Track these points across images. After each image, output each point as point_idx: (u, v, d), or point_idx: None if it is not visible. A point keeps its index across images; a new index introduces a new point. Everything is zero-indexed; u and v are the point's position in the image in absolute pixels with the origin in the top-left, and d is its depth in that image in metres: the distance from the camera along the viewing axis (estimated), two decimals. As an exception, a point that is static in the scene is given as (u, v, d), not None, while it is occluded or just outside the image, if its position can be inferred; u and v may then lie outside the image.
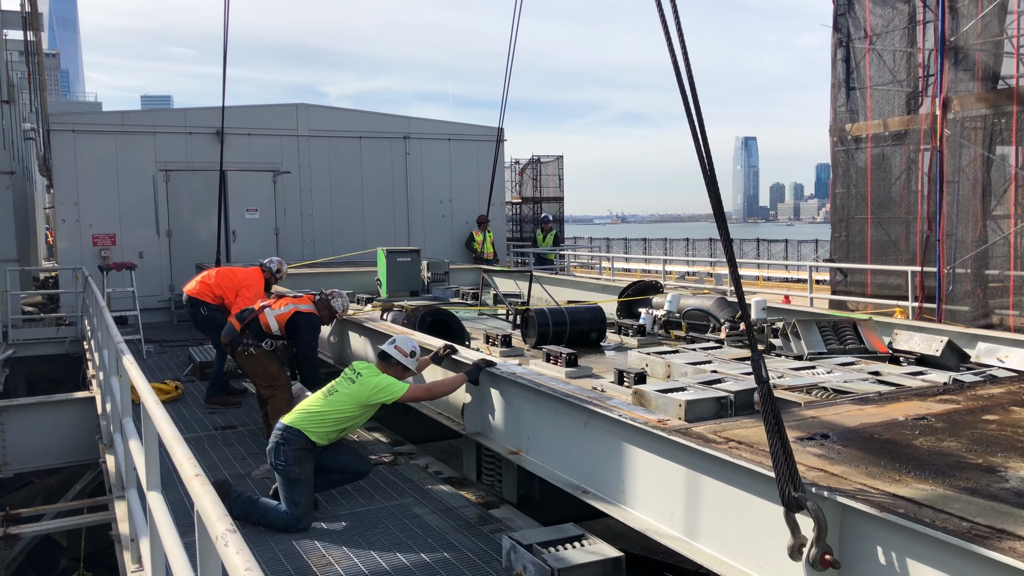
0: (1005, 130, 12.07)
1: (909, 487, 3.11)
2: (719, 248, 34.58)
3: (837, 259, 15.38)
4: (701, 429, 3.88)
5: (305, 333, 7.13)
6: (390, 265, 11.55)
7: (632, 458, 4.15)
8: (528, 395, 5.06)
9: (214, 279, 8.98)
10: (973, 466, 3.37)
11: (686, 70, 3.39)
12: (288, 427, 5.42)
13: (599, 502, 4.39)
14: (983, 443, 3.69)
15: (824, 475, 3.25)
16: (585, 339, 7.57)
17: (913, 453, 3.55)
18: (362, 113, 18.30)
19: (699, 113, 3.41)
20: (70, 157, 14.91)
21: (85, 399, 9.36)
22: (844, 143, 15.19)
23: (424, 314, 7.48)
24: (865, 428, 3.95)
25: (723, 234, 3.50)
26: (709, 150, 3.42)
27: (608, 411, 4.27)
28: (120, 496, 5.61)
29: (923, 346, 6.28)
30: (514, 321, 8.42)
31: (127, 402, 5.02)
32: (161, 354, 12.19)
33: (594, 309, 8.05)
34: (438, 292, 11.74)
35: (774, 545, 3.20)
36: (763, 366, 3.33)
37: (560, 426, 4.76)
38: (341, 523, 5.45)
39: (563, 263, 21.64)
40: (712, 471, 3.62)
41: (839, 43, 15.21)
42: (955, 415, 4.20)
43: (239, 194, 16.21)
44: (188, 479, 2.59)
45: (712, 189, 3.46)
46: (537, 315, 7.62)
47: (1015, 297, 12.10)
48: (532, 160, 26.29)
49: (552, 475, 4.80)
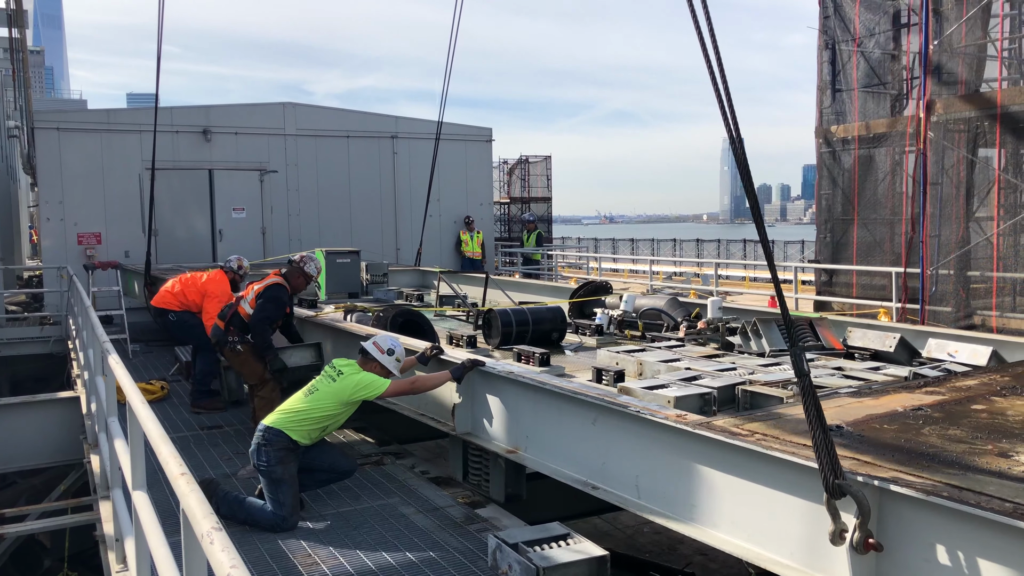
0: (988, 133, 12.19)
1: (940, 473, 3.20)
2: (706, 248, 34.74)
3: (822, 260, 15.49)
4: (722, 423, 3.92)
5: (263, 302, 7.05)
6: (329, 266, 10.99)
7: (650, 452, 4.18)
8: (526, 393, 5.05)
9: (178, 287, 8.96)
10: (987, 452, 3.50)
11: (721, 80, 3.46)
12: (269, 428, 5.39)
13: (611, 497, 4.41)
14: (984, 431, 3.83)
15: (857, 463, 3.33)
16: (547, 339, 7.56)
17: (927, 441, 3.67)
18: (350, 112, 18.29)
19: (735, 121, 3.51)
20: (55, 155, 14.83)
21: (69, 399, 9.32)
22: (830, 144, 15.29)
23: (395, 315, 7.43)
24: (871, 419, 4.05)
25: (763, 240, 3.70)
26: (747, 164, 3.53)
27: (624, 408, 4.28)
28: (105, 496, 5.60)
29: (877, 343, 6.50)
30: (475, 322, 8.35)
31: (112, 402, 5.01)
32: (147, 353, 12.14)
33: (555, 309, 8.09)
34: (379, 294, 11.24)
35: (810, 532, 3.32)
36: (803, 360, 3.42)
37: (563, 423, 4.76)
38: (327, 523, 5.45)
39: (551, 263, 21.66)
40: (738, 463, 3.67)
41: (825, 45, 15.32)
42: (947, 405, 4.33)
43: (226, 193, 16.17)
44: (174, 478, 2.59)
45: (753, 204, 3.64)
46: (500, 315, 7.56)
47: (997, 298, 12.23)
48: (520, 160, 26.32)
49: (556, 472, 4.79)
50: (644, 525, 8.34)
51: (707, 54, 3.45)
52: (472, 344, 7.38)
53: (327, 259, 10.99)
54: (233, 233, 16.15)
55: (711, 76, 3.47)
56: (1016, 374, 5.12)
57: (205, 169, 15.97)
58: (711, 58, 3.44)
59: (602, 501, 4.47)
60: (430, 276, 13.64)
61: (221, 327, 7.15)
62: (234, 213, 16.25)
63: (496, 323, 7.52)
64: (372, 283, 11.83)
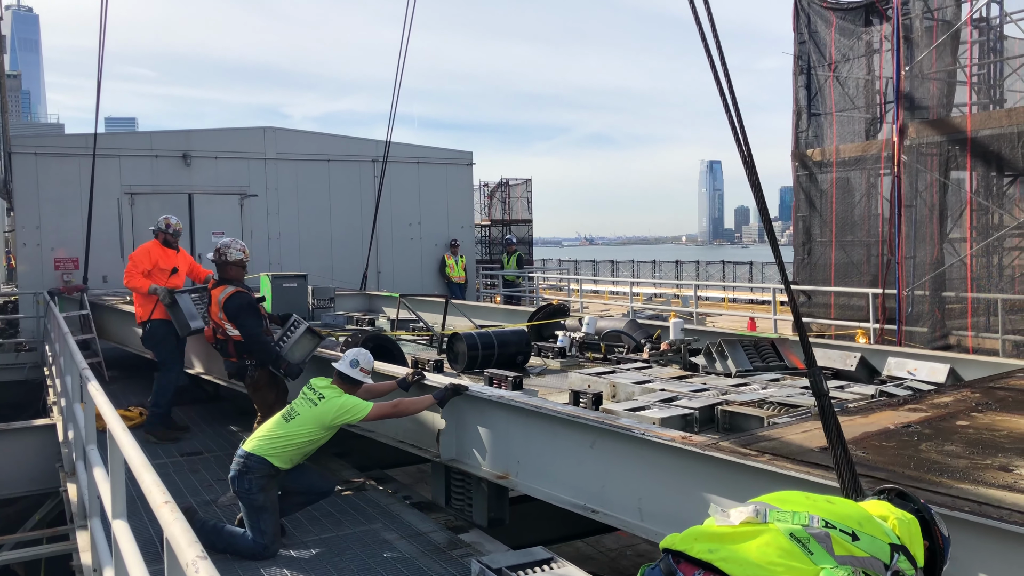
0: (959, 156, 12.43)
1: (952, 488, 3.25)
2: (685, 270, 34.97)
3: (800, 281, 15.66)
4: (727, 444, 3.94)
5: (240, 319, 6.52)
6: (276, 290, 10.70)
7: (653, 475, 4.18)
8: (517, 417, 5.02)
9: (136, 297, 8.83)
10: (989, 467, 3.57)
11: (735, 109, 3.58)
12: (251, 455, 5.31)
13: (612, 521, 4.40)
14: (977, 446, 3.90)
15: (872, 480, 3.36)
16: (511, 362, 7.52)
17: (929, 457, 3.73)
18: (331, 136, 18.32)
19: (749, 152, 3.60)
20: (32, 180, 14.71)
21: (45, 426, 9.18)
22: (806, 167, 15.52)
23: (365, 339, 7.36)
24: (868, 437, 4.10)
25: (780, 266, 3.91)
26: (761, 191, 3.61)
27: (627, 430, 4.29)
28: (83, 525, 5.51)
29: (839, 362, 6.66)
30: (440, 346, 8.33)
31: (91, 429, 4.95)
32: (125, 379, 12.00)
33: (519, 332, 8.09)
34: (327, 319, 10.89)
35: None
36: (822, 380, 3.46)
37: (558, 447, 4.74)
38: (310, 550, 5.40)
39: (531, 285, 21.70)
40: (748, 483, 3.67)
41: (800, 70, 15.59)
42: (933, 422, 4.41)
43: (206, 217, 16.09)
44: (157, 506, 2.58)
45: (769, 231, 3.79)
46: (465, 339, 7.49)
47: (972, 318, 12.40)
48: (501, 183, 26.46)
49: (552, 496, 4.76)
50: (627, 548, 8.33)
51: (720, 84, 3.60)
52: (439, 369, 7.30)
53: (273, 283, 10.77)
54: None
55: (725, 108, 3.61)
56: (985, 390, 5.24)
57: (185, 193, 15.90)
58: (725, 95, 3.59)
59: (585, 525, 4.48)
60: (377, 300, 13.56)
61: (235, 361, 6.77)
62: (214, 237, 16.16)
63: (462, 347, 7.46)
64: (319, 308, 11.60)
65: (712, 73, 3.64)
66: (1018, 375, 5.74)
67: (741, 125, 3.64)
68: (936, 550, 2.59)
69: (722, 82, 3.63)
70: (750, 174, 3.68)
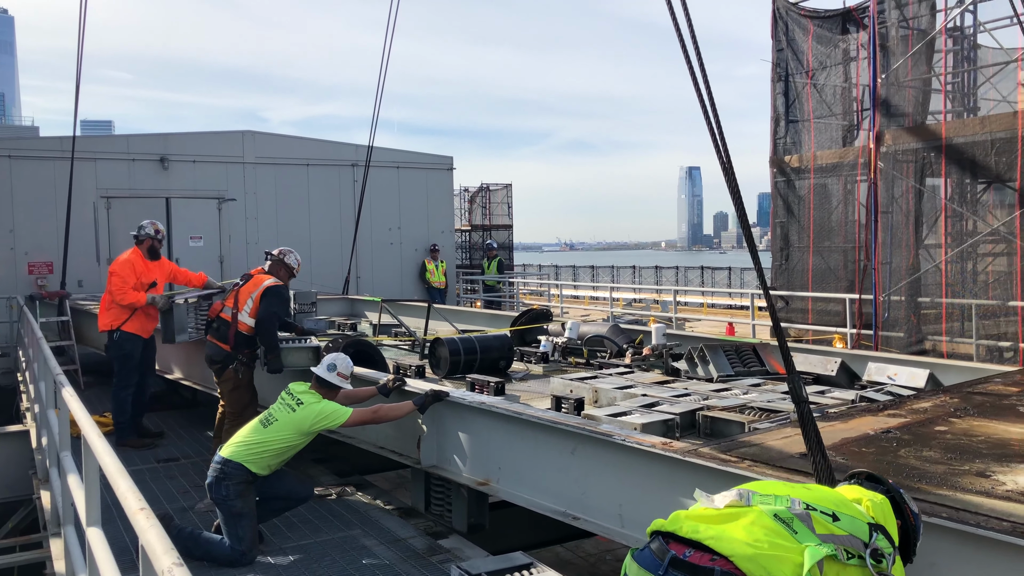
0: (935, 163, 12.59)
1: (931, 494, 3.27)
2: (664, 275, 35.15)
3: (778, 287, 15.78)
4: (707, 450, 3.95)
5: (270, 299, 6.76)
6: None
7: (634, 481, 4.18)
8: (498, 424, 5.00)
9: (104, 304, 8.65)
10: (967, 472, 3.59)
11: (714, 116, 3.60)
12: (228, 460, 5.25)
13: (592, 527, 4.39)
14: (955, 451, 3.92)
15: None
16: (494, 367, 7.49)
17: (907, 463, 3.75)
18: (310, 141, 18.24)
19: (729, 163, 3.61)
20: (6, 183, 14.51)
21: (18, 432, 9.05)
22: (784, 174, 15.65)
23: (345, 345, 7.31)
24: (848, 443, 4.12)
25: (759, 273, 3.81)
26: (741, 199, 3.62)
27: (608, 436, 4.28)
28: (56, 533, 5.43)
29: (819, 367, 6.68)
30: (421, 351, 8.24)
31: (66, 435, 4.89)
32: (101, 385, 11.85)
33: (501, 337, 8.04)
34: (310, 323, 10.72)
35: None
36: (802, 386, 3.47)
37: (539, 454, 4.72)
38: (288, 556, 5.36)
39: (512, 290, 21.70)
40: (728, 489, 3.66)
41: (778, 77, 15.73)
42: (913, 428, 4.43)
43: (183, 221, 15.95)
44: (133, 513, 2.54)
45: (750, 241, 3.77)
46: (448, 344, 7.44)
47: (947, 323, 12.56)
48: (481, 188, 26.46)
49: (532, 503, 4.74)
50: (607, 553, 8.33)
51: (699, 91, 3.63)
52: (421, 375, 7.28)
53: None
54: (190, 261, 15.88)
55: (704, 115, 3.63)
56: (963, 395, 5.28)
57: (162, 197, 15.76)
58: (705, 101, 3.61)
59: (565, 530, 4.47)
60: (359, 305, 13.48)
61: (227, 349, 6.78)
62: (191, 241, 16.04)
63: (444, 352, 7.41)
64: (300, 312, 11.44)
65: (692, 80, 3.69)
66: (996, 380, 5.80)
67: (720, 131, 3.67)
68: (909, 528, 2.68)
69: (702, 89, 3.66)
70: (729, 180, 3.71)
